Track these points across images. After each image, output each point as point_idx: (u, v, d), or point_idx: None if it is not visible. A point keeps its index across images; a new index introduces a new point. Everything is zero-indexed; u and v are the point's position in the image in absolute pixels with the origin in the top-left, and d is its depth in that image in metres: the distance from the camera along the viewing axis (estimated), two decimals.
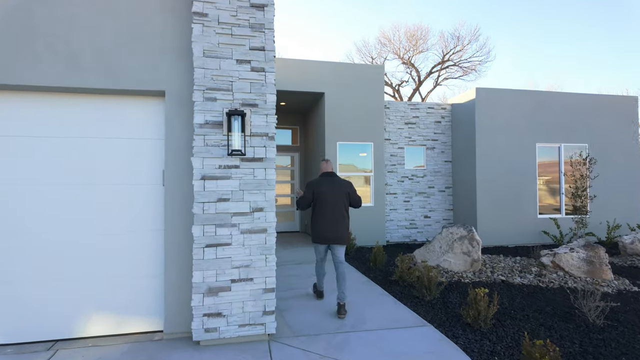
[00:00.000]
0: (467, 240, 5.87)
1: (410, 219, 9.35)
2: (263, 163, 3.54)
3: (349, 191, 4.30)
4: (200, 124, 3.43)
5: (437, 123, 9.61)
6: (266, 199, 3.53)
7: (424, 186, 9.45)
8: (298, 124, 10.89)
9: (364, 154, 8.62)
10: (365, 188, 8.65)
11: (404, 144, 9.38)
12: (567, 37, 34.27)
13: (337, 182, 4.27)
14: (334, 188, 4.21)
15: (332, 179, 4.30)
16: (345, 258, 7.21)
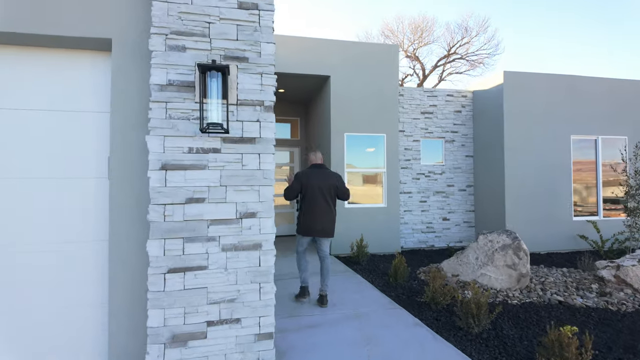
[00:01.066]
0: (512, 250, 4.73)
1: (427, 222, 8.21)
2: (256, 146, 2.38)
3: (337, 184, 4.20)
4: (161, 84, 2.27)
5: (457, 113, 8.48)
6: (261, 199, 2.37)
7: (442, 184, 8.31)
8: (299, 116, 9.73)
9: (371, 149, 7.46)
10: (376, 187, 7.50)
11: (419, 136, 8.24)
12: (583, 29, 33.25)
13: (325, 174, 4.18)
14: (321, 180, 4.12)
15: (320, 171, 4.21)
16: (357, 269, 6.08)
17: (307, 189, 4.13)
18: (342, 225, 7.14)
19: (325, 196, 4.11)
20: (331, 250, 7.12)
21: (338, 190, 4.23)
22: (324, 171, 4.24)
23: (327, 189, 4.13)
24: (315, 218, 4.10)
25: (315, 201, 4.10)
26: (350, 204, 7.28)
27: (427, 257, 7.29)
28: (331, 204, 4.17)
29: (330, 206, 4.16)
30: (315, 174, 4.18)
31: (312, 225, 4.11)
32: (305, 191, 4.14)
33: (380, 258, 6.99)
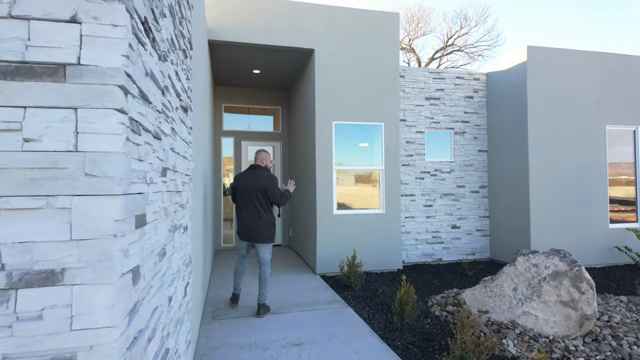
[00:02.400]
0: (569, 280, 3.31)
1: (433, 231, 6.78)
2: (64, 86, 0.88)
3: (266, 185, 3.94)
4: None
5: (468, 99, 7.07)
6: (74, 235, 0.87)
7: (451, 185, 6.90)
8: (280, 104, 8.24)
9: (365, 144, 6.01)
10: (372, 189, 6.05)
11: (424, 127, 6.82)
12: (586, 20, 32.21)
13: (257, 176, 4.00)
14: (251, 182, 3.97)
15: (253, 172, 4.05)
16: (348, 296, 4.64)
17: (237, 191, 4.04)
18: (329, 237, 5.68)
19: (253, 200, 3.93)
20: (317, 269, 5.65)
21: (267, 193, 3.93)
22: (257, 173, 4.03)
23: (255, 191, 3.93)
24: (243, 222, 3.98)
25: (243, 204, 3.99)
26: (341, 210, 5.82)
27: (435, 275, 5.86)
28: (260, 207, 3.94)
29: (259, 210, 3.93)
30: (246, 176, 4.04)
31: (241, 230, 4.02)
32: (236, 194, 4.06)
33: (378, 278, 5.55)
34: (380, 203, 5.99)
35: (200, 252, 3.63)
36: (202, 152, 4.44)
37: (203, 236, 4.44)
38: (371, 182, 6.08)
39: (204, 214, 4.88)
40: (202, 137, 4.51)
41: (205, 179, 4.94)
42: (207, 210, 5.38)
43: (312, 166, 5.92)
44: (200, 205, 4.24)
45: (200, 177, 4.49)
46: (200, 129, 4.26)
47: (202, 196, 4.40)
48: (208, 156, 5.51)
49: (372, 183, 6.07)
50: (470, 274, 5.74)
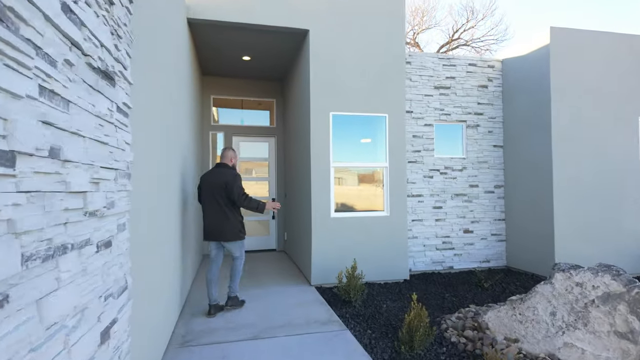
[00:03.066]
0: (626, 304, 2.60)
1: (443, 235, 6.07)
2: None
3: (226, 182, 3.77)
4: None
5: (482, 88, 6.35)
6: None
7: (464, 184, 6.19)
8: (274, 96, 7.56)
9: (366, 139, 5.31)
10: (374, 189, 5.36)
11: (432, 120, 6.11)
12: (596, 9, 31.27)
13: (219, 173, 3.86)
14: (213, 179, 3.85)
15: (217, 170, 3.93)
16: (347, 314, 3.97)
17: (201, 190, 3.99)
18: (325, 243, 4.99)
19: (215, 197, 3.83)
20: (312, 279, 4.97)
21: (227, 190, 3.79)
22: (221, 170, 3.93)
23: (217, 188, 3.83)
24: (208, 221, 3.89)
25: (206, 202, 3.91)
26: (339, 213, 5.13)
27: (447, 286, 5.16)
28: (224, 205, 3.83)
29: (223, 208, 3.83)
30: (210, 174, 3.96)
31: (206, 228, 3.90)
32: (201, 193, 3.99)
33: (382, 290, 4.85)
34: (384, 205, 5.30)
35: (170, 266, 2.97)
36: (178, 147, 3.78)
37: (180, 245, 3.78)
38: (374, 182, 5.38)
39: (183, 219, 4.22)
40: (178, 129, 3.84)
41: (184, 179, 4.27)
42: (187, 214, 4.72)
43: (307, 163, 5.24)
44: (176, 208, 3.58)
45: (176, 176, 3.83)
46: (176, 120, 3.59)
47: (178, 199, 3.73)
48: (190, 153, 4.85)
49: (375, 182, 5.38)
50: (487, 286, 5.03)
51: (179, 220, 3.81)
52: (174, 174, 3.48)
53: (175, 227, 3.55)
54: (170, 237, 3.20)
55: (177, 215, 3.71)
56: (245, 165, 7.45)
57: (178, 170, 3.81)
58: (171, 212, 3.24)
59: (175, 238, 3.55)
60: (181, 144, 4.33)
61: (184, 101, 4.35)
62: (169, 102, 3.18)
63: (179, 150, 3.84)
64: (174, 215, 3.46)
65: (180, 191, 3.87)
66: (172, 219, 3.27)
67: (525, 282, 5.38)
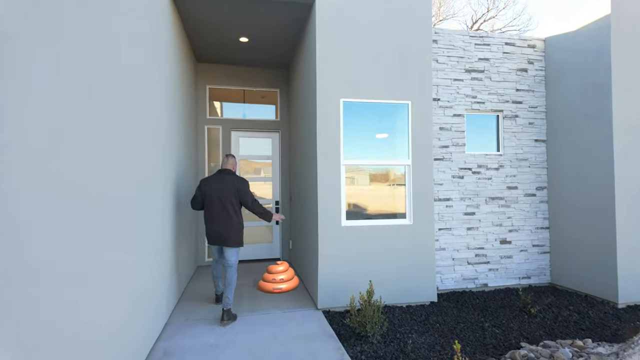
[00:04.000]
0: None
1: (476, 247, 5.11)
2: None
3: (238, 187, 3.82)
4: None
5: (522, 72, 5.36)
6: None
7: (500, 186, 5.21)
8: (278, 85, 6.71)
9: (382, 135, 4.40)
10: (393, 191, 4.44)
11: (463, 109, 5.15)
12: None
13: (226, 180, 3.85)
14: (220, 186, 3.82)
15: (222, 176, 3.88)
16: (363, 355, 3.08)
17: (205, 195, 3.86)
18: (335, 258, 4.11)
19: (224, 202, 3.80)
20: (318, 302, 4.10)
21: (240, 196, 3.82)
22: (229, 177, 3.86)
23: (228, 194, 3.79)
24: (212, 225, 3.84)
25: (211, 207, 3.84)
26: (352, 221, 4.24)
27: (483, 311, 4.21)
28: (232, 211, 3.82)
29: (230, 212, 3.81)
30: (215, 180, 3.86)
31: (210, 233, 3.87)
32: (204, 198, 3.88)
33: (405, 317, 3.94)
34: (407, 211, 4.38)
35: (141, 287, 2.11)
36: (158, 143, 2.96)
37: (161, 254, 2.93)
38: (393, 183, 4.47)
39: (176, 226, 3.39)
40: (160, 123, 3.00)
41: (166, 180, 3.44)
42: (179, 220, 3.90)
43: (312, 161, 4.36)
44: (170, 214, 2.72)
45: (159, 178, 3.01)
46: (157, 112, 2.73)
47: (168, 205, 2.91)
48: (177, 151, 4.02)
49: (395, 184, 4.46)
50: (535, 312, 4.07)
51: (181, 224, 2.97)
52: (164, 177, 2.64)
53: (178, 230, 2.70)
54: (171, 243, 2.35)
55: (181, 218, 2.87)
56: (245, 164, 6.62)
57: (170, 172, 2.97)
58: (178, 217, 2.39)
59: (178, 244, 2.70)
60: (166, 142, 3.51)
61: (168, 90, 3.51)
62: (161, 97, 2.34)
63: (175, 150, 3.00)
64: (179, 219, 2.62)
65: (164, 194, 3.04)
66: (179, 223, 2.42)
67: (579, 306, 4.39)
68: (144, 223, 2.81)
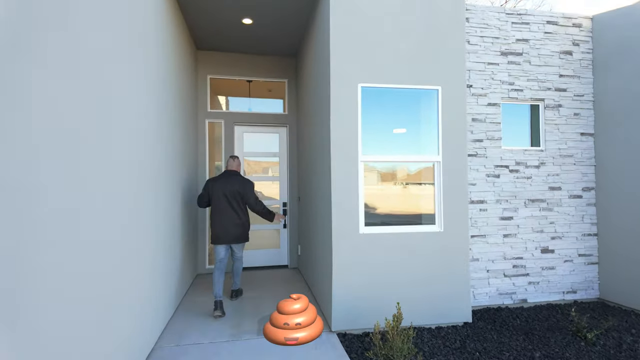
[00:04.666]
0: None
1: (513, 257, 4.43)
2: None
3: (244, 188, 4.05)
4: None
5: (565, 55, 4.66)
6: None
7: (541, 186, 4.52)
8: (286, 75, 6.10)
9: (400, 130, 3.74)
10: (419, 192, 3.79)
11: (499, 97, 4.47)
12: None
13: (232, 181, 4.05)
14: (227, 186, 4.02)
15: (228, 177, 4.08)
16: None
17: (212, 195, 4.05)
18: (352, 271, 3.49)
19: (231, 203, 4.01)
20: (333, 323, 3.47)
21: (245, 197, 4.05)
22: (232, 177, 4.07)
23: (235, 195, 4.02)
24: (220, 224, 4.00)
25: (219, 207, 4.01)
26: (371, 227, 3.60)
27: (528, 335, 3.53)
28: (238, 209, 4.04)
29: (237, 211, 4.03)
30: (221, 180, 4.05)
31: (218, 232, 4.00)
32: (211, 198, 4.06)
33: (435, 342, 3.29)
34: (436, 216, 3.73)
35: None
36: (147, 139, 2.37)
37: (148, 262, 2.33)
38: (419, 183, 3.82)
39: (168, 233, 2.81)
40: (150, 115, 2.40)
41: (158, 176, 2.86)
42: (172, 221, 3.31)
43: (325, 157, 3.74)
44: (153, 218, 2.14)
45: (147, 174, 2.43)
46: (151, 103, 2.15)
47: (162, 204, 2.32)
48: (173, 144, 3.45)
49: (421, 184, 3.81)
50: (592, 337, 3.38)
51: (176, 227, 2.38)
52: (156, 173, 2.04)
53: (173, 234, 2.10)
54: (164, 249, 1.75)
55: (175, 220, 2.27)
56: (250, 162, 6.03)
57: (164, 169, 2.37)
58: (173, 220, 1.80)
59: (173, 249, 2.10)
60: (163, 136, 2.92)
61: (161, 77, 2.91)
62: (156, 86, 1.74)
63: (171, 143, 2.40)
64: (173, 220, 2.02)
65: (156, 192, 2.45)
66: (173, 224, 1.82)
67: None
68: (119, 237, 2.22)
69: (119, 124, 2.31)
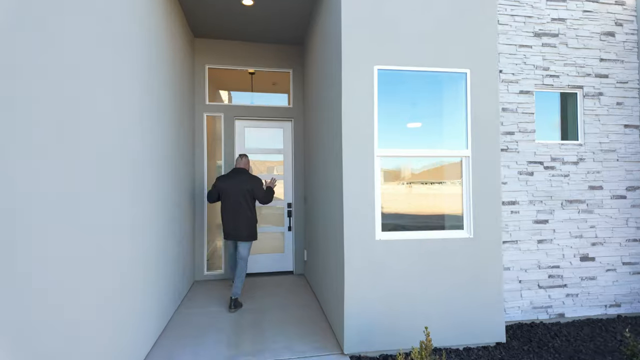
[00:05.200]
0: None
1: (549, 265, 3.90)
2: None
3: (254, 187, 4.10)
4: None
5: (607, 37, 4.12)
6: None
7: (580, 185, 3.98)
8: (291, 65, 5.62)
9: (415, 124, 3.23)
10: (444, 191, 3.28)
11: (532, 84, 3.94)
12: None
13: (241, 178, 4.12)
14: (235, 183, 4.10)
15: (236, 175, 4.16)
16: None
17: (221, 192, 4.15)
18: (368, 283, 3.00)
19: (240, 201, 4.08)
20: (345, 344, 2.97)
21: (255, 194, 4.12)
22: (240, 175, 4.14)
23: (240, 192, 4.08)
24: (228, 221, 4.11)
25: (227, 205, 4.11)
26: (389, 233, 3.10)
27: (572, 358, 3.02)
28: (246, 206, 4.10)
29: (244, 208, 4.10)
30: (230, 178, 4.14)
31: (226, 229, 4.13)
32: (220, 196, 4.17)
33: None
34: (464, 219, 3.22)
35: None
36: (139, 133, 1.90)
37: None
38: (444, 181, 3.31)
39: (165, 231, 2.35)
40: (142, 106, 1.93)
41: (155, 173, 2.40)
42: (163, 226, 2.84)
43: (336, 152, 3.26)
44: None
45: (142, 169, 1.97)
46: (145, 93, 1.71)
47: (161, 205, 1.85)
48: (163, 138, 2.99)
49: (447, 183, 3.31)
50: None
51: (168, 228, 1.91)
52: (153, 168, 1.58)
53: (166, 235, 1.63)
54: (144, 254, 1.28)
55: (170, 219, 1.80)
56: (254, 161, 5.56)
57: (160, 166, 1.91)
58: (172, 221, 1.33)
59: (164, 253, 1.63)
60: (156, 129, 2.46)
61: (152, 61, 2.44)
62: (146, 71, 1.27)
63: (163, 137, 1.94)
64: (170, 221, 1.55)
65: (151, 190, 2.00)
66: (165, 227, 1.35)
67: None
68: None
69: (86, 113, 1.84)
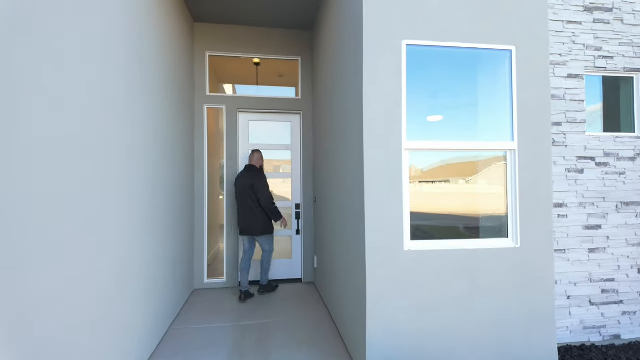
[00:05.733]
0: None
1: (602, 278, 3.35)
2: None
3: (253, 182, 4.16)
4: None
5: None
6: None
7: (637, 184, 3.43)
8: (299, 52, 5.11)
9: (436, 117, 2.69)
10: (479, 189, 2.75)
11: (582, 67, 3.39)
12: None
13: (247, 175, 4.21)
14: (243, 181, 4.21)
15: (246, 172, 4.26)
16: None
17: (235, 189, 4.31)
18: (394, 300, 2.48)
19: (246, 197, 4.17)
20: None
21: (254, 190, 4.15)
22: (248, 172, 4.24)
23: (247, 189, 4.17)
24: (240, 217, 4.22)
25: (239, 201, 4.23)
26: (419, 242, 2.59)
27: None
28: (253, 204, 4.17)
29: (251, 206, 4.17)
30: (241, 175, 4.26)
31: (240, 225, 4.25)
32: (235, 191, 4.34)
33: None
34: (509, 225, 2.69)
35: None
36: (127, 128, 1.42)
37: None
38: (485, 180, 2.79)
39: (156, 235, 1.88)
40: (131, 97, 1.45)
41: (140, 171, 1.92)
42: (154, 231, 2.36)
43: (355, 145, 2.74)
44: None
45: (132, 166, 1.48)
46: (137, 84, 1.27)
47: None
48: (154, 132, 2.52)
49: (486, 181, 2.78)
50: None
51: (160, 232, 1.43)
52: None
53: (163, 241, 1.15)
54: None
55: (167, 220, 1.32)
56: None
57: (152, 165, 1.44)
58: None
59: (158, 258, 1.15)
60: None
61: (145, 51, 1.96)
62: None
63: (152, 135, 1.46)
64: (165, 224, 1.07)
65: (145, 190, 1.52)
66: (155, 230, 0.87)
67: None
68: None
69: (69, 105, 1.35)
